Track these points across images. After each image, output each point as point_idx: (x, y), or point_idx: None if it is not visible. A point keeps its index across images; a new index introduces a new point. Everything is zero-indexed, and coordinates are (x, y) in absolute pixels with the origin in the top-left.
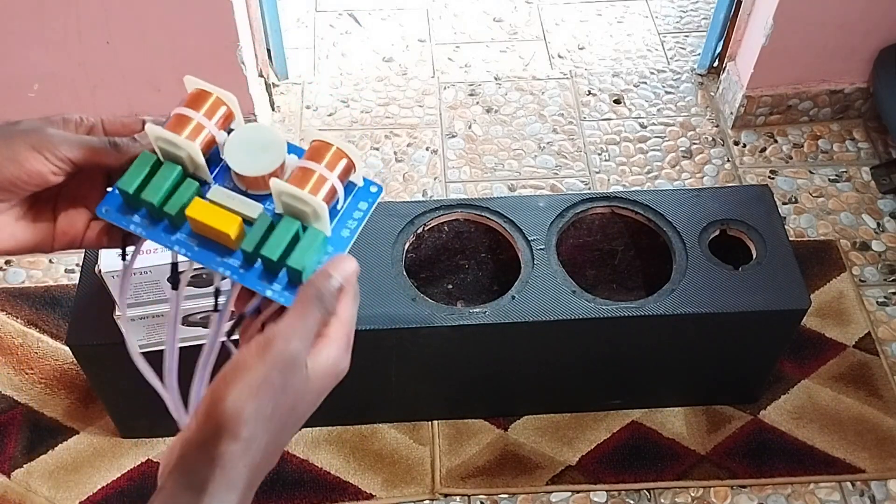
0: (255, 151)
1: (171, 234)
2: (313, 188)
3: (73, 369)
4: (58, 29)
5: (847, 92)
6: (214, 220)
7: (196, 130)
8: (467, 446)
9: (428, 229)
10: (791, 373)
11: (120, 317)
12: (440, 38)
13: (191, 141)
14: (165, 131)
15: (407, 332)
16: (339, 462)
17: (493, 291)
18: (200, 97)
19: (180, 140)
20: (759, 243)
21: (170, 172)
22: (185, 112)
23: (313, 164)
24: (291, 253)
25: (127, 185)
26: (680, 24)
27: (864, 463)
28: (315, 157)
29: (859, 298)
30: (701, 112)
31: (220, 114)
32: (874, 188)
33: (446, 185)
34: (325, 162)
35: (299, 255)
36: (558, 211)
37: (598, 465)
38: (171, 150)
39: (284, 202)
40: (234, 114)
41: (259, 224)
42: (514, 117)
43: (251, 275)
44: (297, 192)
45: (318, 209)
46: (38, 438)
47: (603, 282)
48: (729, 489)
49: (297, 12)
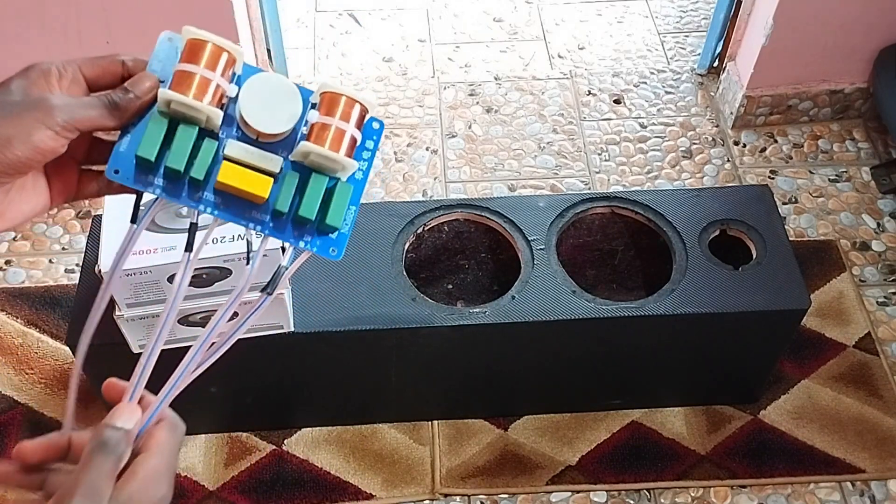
0: (272, 105)
1: (194, 194)
2: (334, 143)
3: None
4: (58, 29)
5: (847, 92)
6: (246, 184)
7: (203, 86)
8: (467, 446)
9: (428, 229)
10: (791, 373)
11: (121, 317)
12: (440, 38)
13: (213, 106)
14: (182, 97)
15: (407, 332)
16: (339, 462)
17: (493, 291)
18: (197, 48)
19: (196, 103)
20: (759, 243)
21: (189, 134)
22: (188, 69)
23: (330, 119)
24: (327, 209)
25: (146, 151)
26: (680, 24)
27: (864, 463)
28: (330, 110)
29: (859, 298)
30: (701, 112)
31: (222, 62)
32: (874, 188)
33: (446, 185)
34: (340, 113)
35: (335, 212)
36: (558, 211)
37: (598, 465)
38: (185, 111)
39: (311, 160)
40: (235, 58)
41: (288, 181)
42: (514, 117)
43: (284, 230)
44: (328, 154)
45: (347, 165)
46: None
47: (603, 282)
48: (729, 489)
49: (297, 12)
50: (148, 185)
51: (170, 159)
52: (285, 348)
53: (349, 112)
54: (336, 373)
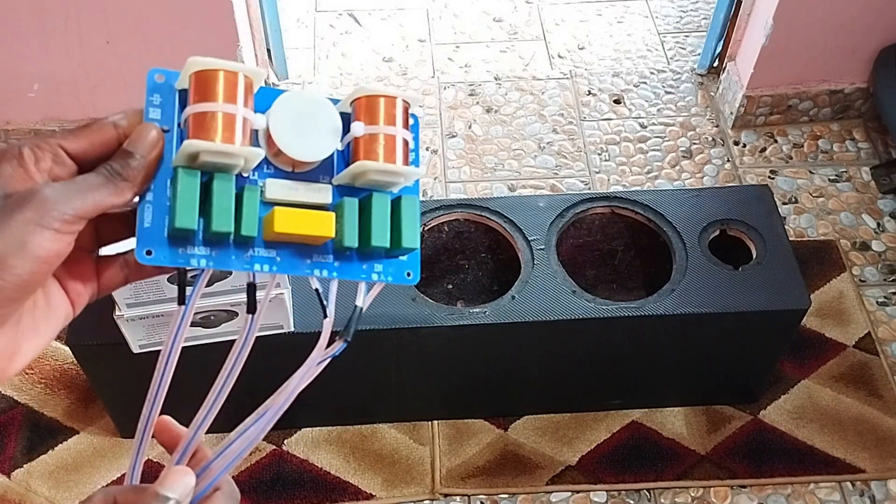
0: (306, 127)
1: (243, 254)
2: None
3: (73, 369)
4: (58, 29)
5: (847, 92)
6: (309, 227)
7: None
8: (467, 446)
9: (428, 229)
10: (791, 373)
11: (121, 317)
12: (440, 38)
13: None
14: (210, 144)
15: (407, 332)
16: (339, 462)
17: (493, 291)
18: (208, 79)
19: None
20: (759, 243)
21: (227, 187)
22: (206, 108)
23: (375, 126)
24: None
25: (185, 220)
26: (680, 24)
27: (864, 463)
28: (371, 117)
29: (859, 298)
30: (701, 112)
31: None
32: (874, 188)
33: (446, 185)
34: (384, 116)
35: (409, 233)
36: (558, 211)
37: (598, 465)
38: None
39: (368, 179)
40: (253, 81)
41: (348, 211)
42: (514, 117)
43: (352, 266)
44: (387, 168)
45: (409, 174)
46: (38, 438)
47: (603, 282)
48: (729, 489)
49: (297, 12)
50: (191, 258)
51: (215, 222)
52: (285, 348)
53: (393, 113)
54: (336, 373)
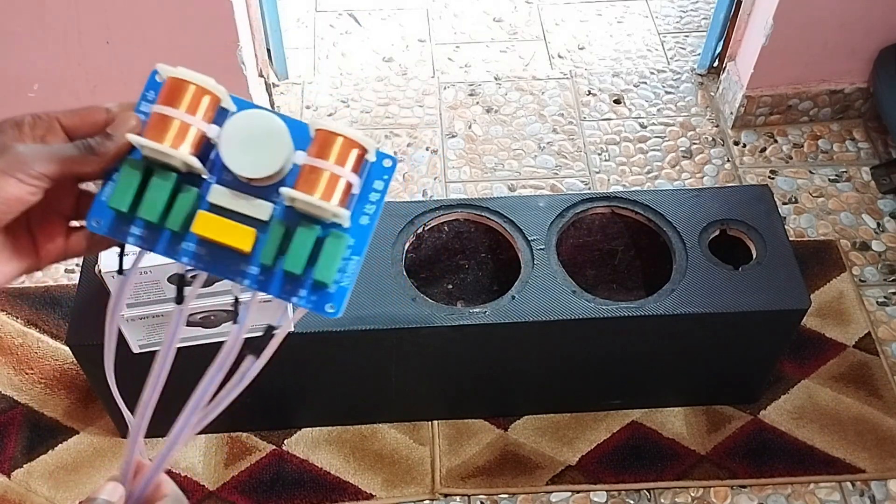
0: (256, 146)
1: (176, 246)
2: (326, 191)
3: (73, 369)
4: (58, 29)
5: (847, 92)
6: (226, 236)
7: (182, 132)
8: (467, 446)
9: (428, 229)
10: (791, 373)
11: (121, 317)
12: (440, 38)
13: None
14: (152, 142)
15: (407, 332)
16: (339, 462)
17: (493, 291)
18: (178, 88)
19: (172, 151)
20: (759, 243)
21: (164, 182)
22: (165, 112)
23: (323, 162)
24: (316, 263)
25: (118, 202)
26: (680, 24)
27: (864, 463)
28: (323, 152)
29: (859, 298)
30: (701, 112)
31: (204, 105)
32: (874, 188)
33: (446, 185)
34: (335, 156)
35: (324, 267)
36: (558, 211)
37: (598, 465)
38: (160, 158)
39: (299, 207)
40: (219, 98)
41: (273, 232)
42: (514, 117)
43: (273, 283)
44: (313, 201)
45: (340, 215)
46: (38, 438)
47: (603, 282)
48: (729, 489)
49: (297, 12)
50: (127, 235)
51: (142, 210)
52: (285, 348)
53: (345, 154)
54: (336, 373)
